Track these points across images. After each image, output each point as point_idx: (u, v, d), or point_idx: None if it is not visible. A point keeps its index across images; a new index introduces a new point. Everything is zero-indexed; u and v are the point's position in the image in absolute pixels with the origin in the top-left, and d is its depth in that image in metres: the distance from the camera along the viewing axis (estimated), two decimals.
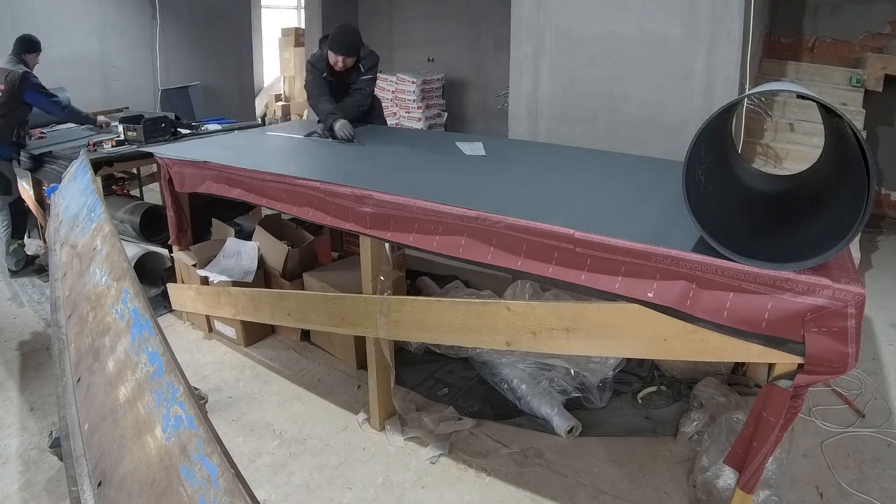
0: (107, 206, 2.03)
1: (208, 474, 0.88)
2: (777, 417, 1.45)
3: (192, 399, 1.02)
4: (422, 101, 7.08)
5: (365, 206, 2.09)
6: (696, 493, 2.04)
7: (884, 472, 2.18)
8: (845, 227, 1.31)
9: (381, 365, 2.36)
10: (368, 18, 8.15)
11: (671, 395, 2.60)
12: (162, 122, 3.46)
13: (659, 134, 3.25)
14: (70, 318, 1.68)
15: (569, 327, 1.75)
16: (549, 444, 2.34)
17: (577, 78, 3.44)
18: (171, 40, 6.44)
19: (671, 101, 3.19)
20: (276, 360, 2.99)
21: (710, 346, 1.54)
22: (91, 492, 1.08)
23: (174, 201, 3.06)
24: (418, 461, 2.27)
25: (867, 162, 1.27)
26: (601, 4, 3.28)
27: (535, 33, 3.51)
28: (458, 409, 2.54)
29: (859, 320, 1.33)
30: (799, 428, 2.40)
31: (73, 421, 1.30)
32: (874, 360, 2.93)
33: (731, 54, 2.99)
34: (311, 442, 2.38)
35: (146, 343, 1.23)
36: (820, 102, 1.48)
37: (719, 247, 1.44)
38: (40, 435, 2.37)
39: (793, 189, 2.01)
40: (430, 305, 2.12)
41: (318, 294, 2.69)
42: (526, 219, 1.75)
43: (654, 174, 2.43)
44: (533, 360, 2.64)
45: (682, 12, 3.05)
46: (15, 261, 3.88)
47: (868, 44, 4.87)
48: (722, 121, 1.73)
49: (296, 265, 3.03)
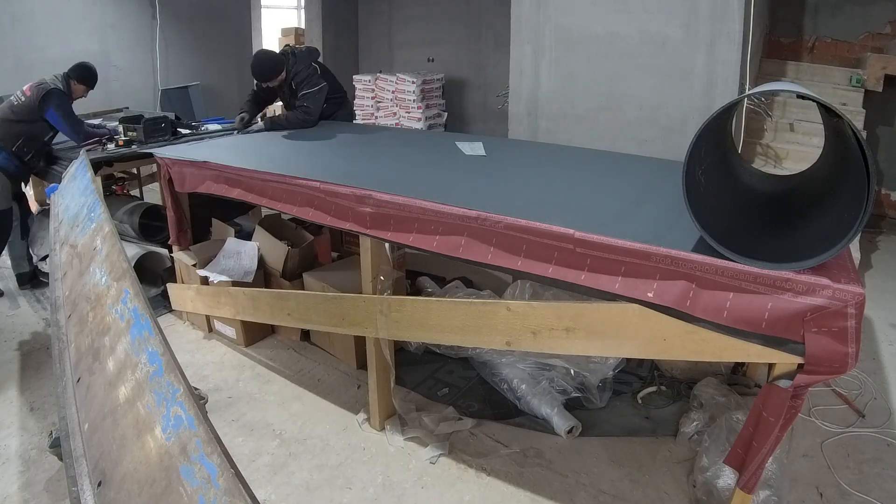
0: (107, 206, 2.03)
1: (208, 474, 0.88)
2: (777, 417, 1.45)
3: (192, 399, 1.02)
4: (422, 101, 7.07)
5: (365, 206, 2.09)
6: (696, 493, 2.04)
7: (884, 472, 2.18)
8: (845, 227, 1.31)
9: (381, 365, 2.36)
10: (368, 18, 8.15)
11: (671, 395, 2.60)
12: (162, 122, 3.46)
13: (659, 134, 3.25)
14: (70, 318, 1.68)
15: (569, 327, 1.75)
16: (549, 444, 2.34)
17: (577, 78, 3.44)
18: (171, 40, 6.44)
19: (671, 101, 3.19)
20: (276, 360, 2.99)
21: (710, 346, 1.53)
22: (91, 492, 1.08)
23: (174, 201, 3.07)
24: (418, 461, 2.27)
25: (867, 162, 1.27)
26: (601, 4, 3.28)
27: (535, 33, 3.51)
28: (458, 409, 2.54)
29: (859, 320, 1.33)
30: (799, 428, 2.40)
31: (73, 421, 1.30)
32: (874, 360, 2.93)
33: (731, 54, 2.99)
34: (311, 442, 2.38)
35: (146, 343, 1.23)
36: (820, 102, 1.48)
37: (719, 247, 1.44)
38: (40, 435, 2.37)
39: (793, 189, 2.01)
40: (430, 305, 2.12)
41: (318, 294, 2.69)
42: (526, 219, 1.75)
43: (654, 174, 2.43)
44: (533, 360, 2.64)
45: (682, 12, 3.05)
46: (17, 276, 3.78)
47: (868, 44, 4.87)
48: (722, 121, 1.73)
49: (296, 265, 3.03)
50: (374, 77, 7.38)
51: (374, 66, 8.12)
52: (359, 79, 7.55)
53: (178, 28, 6.51)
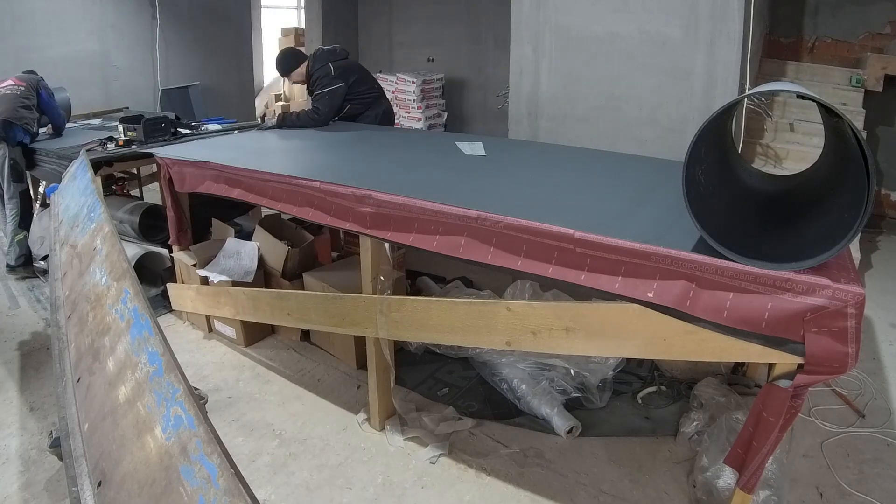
0: (107, 206, 2.03)
1: (208, 474, 0.88)
2: (777, 417, 1.45)
3: (192, 399, 1.02)
4: (422, 101, 7.08)
5: (365, 206, 2.09)
6: (696, 493, 2.04)
7: (884, 472, 2.18)
8: (845, 227, 1.31)
9: (381, 365, 2.36)
10: (368, 18, 8.16)
11: (671, 395, 2.60)
12: (162, 122, 3.46)
13: (659, 134, 3.26)
14: (70, 318, 1.68)
15: (569, 327, 1.75)
16: (549, 444, 2.34)
17: (577, 78, 3.44)
18: (171, 40, 6.44)
19: (671, 101, 3.19)
20: (275, 360, 2.99)
21: (710, 346, 1.53)
22: (91, 492, 1.08)
23: (174, 201, 3.06)
24: (418, 461, 2.27)
25: (867, 162, 1.27)
26: (601, 4, 3.28)
27: (535, 33, 3.51)
28: (458, 409, 2.54)
29: (859, 320, 1.33)
30: (799, 428, 2.40)
31: (72, 421, 1.30)
32: (874, 360, 2.93)
33: (730, 54, 2.99)
34: (311, 442, 2.38)
35: (146, 343, 1.23)
36: (820, 102, 1.48)
37: (719, 247, 1.44)
38: (40, 435, 2.37)
39: (793, 189, 2.01)
40: (430, 305, 2.12)
41: (318, 294, 2.69)
42: (526, 219, 1.75)
43: (654, 174, 2.43)
44: (533, 360, 2.64)
45: (682, 12, 3.05)
46: (16, 255, 3.86)
47: (868, 44, 4.87)
48: (722, 121, 1.73)
49: (296, 265, 3.03)
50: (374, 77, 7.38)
51: (374, 66, 8.11)
52: None
53: (178, 28, 6.51)
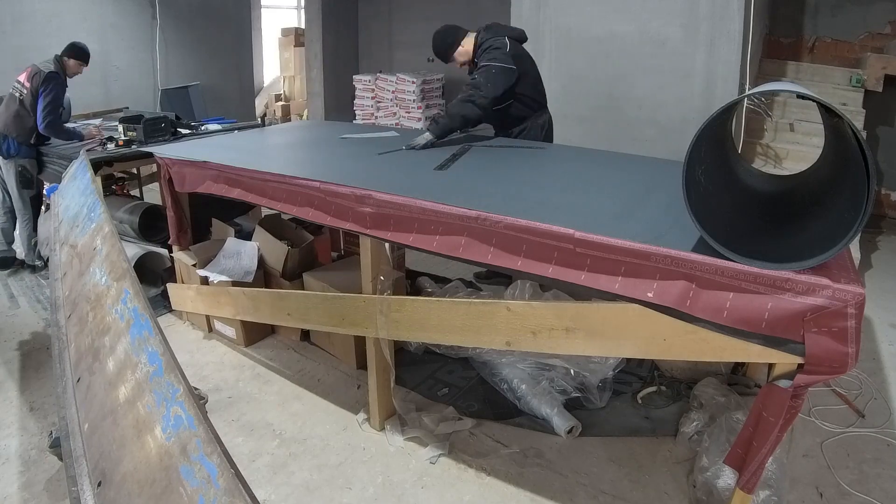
0: (107, 206, 2.03)
1: (208, 474, 0.88)
2: (777, 417, 1.45)
3: (192, 399, 1.02)
4: (422, 101, 7.08)
5: (365, 206, 2.09)
6: (696, 493, 2.04)
7: (884, 472, 2.18)
8: (845, 227, 1.31)
9: (381, 365, 2.36)
10: (368, 18, 8.15)
11: (671, 395, 2.60)
12: (162, 122, 3.46)
13: (659, 134, 3.26)
14: (70, 318, 1.68)
15: (569, 327, 1.75)
16: (549, 444, 2.34)
17: (577, 78, 3.45)
18: (171, 40, 6.45)
19: (671, 101, 3.19)
20: (276, 360, 2.99)
21: (710, 346, 1.53)
22: (91, 492, 1.08)
23: (174, 201, 3.06)
24: (418, 461, 2.26)
25: (867, 162, 1.27)
26: (601, 4, 3.28)
27: (535, 33, 3.51)
28: (458, 409, 2.54)
29: (859, 320, 1.33)
30: (799, 428, 2.40)
31: (72, 421, 1.30)
32: (874, 360, 2.93)
33: (730, 54, 3.00)
34: (311, 442, 2.38)
35: (146, 343, 1.23)
36: (820, 102, 1.48)
37: (719, 247, 1.44)
38: (40, 435, 2.37)
39: (793, 189, 2.01)
40: (430, 305, 2.12)
41: (318, 294, 2.69)
42: (526, 219, 1.75)
43: (653, 174, 2.43)
44: (533, 360, 2.64)
45: (682, 12, 3.06)
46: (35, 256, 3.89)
47: (868, 44, 4.87)
48: (722, 121, 1.73)
49: (296, 265, 3.03)
50: (374, 77, 7.39)
51: (374, 66, 8.13)
52: (359, 79, 7.56)
53: (178, 28, 6.52)
